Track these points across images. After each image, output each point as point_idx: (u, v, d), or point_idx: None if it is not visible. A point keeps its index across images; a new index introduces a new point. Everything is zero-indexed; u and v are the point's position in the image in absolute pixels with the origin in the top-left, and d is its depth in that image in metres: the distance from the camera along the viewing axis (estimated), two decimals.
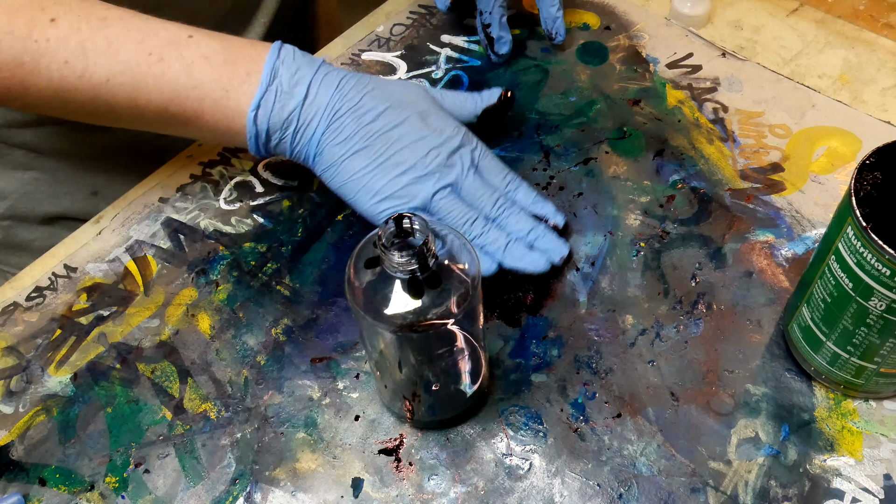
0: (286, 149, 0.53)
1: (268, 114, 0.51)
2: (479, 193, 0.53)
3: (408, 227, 0.39)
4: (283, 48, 0.52)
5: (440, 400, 0.47)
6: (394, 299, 0.40)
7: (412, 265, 0.38)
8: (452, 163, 0.52)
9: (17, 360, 0.52)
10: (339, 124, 0.52)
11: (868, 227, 0.39)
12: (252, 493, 0.46)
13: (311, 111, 0.51)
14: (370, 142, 0.52)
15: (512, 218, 0.53)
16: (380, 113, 0.52)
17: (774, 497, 0.45)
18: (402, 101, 0.53)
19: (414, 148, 0.52)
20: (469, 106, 0.57)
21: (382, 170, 0.51)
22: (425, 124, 0.53)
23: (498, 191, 0.54)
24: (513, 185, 0.54)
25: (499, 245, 0.52)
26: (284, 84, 0.51)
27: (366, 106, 0.52)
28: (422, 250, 0.38)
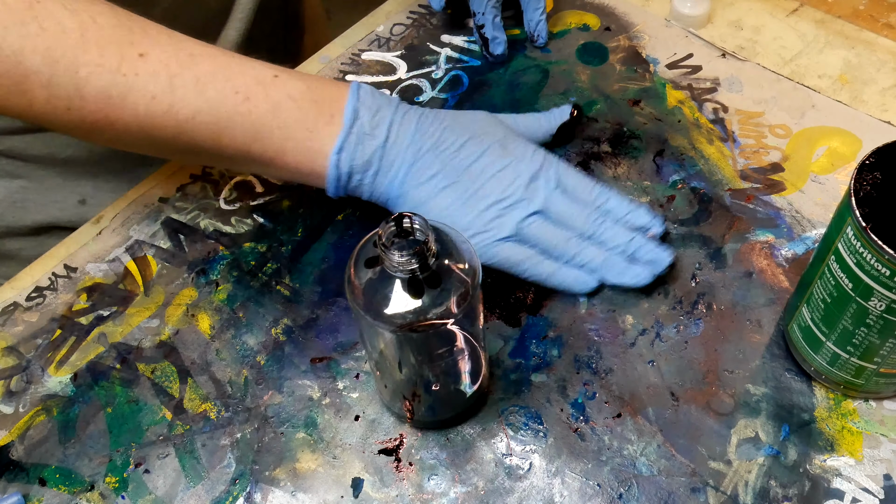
0: (364, 191, 0.52)
1: (350, 156, 0.50)
2: (570, 212, 0.52)
3: (408, 226, 0.39)
4: (361, 88, 0.52)
5: (440, 400, 0.47)
6: (394, 299, 0.40)
7: (412, 265, 0.38)
8: (537, 187, 0.51)
9: (17, 360, 0.52)
10: (423, 163, 0.51)
11: (868, 228, 0.39)
12: (252, 493, 0.46)
13: (393, 152, 0.51)
14: (455, 178, 0.51)
15: (608, 232, 0.52)
16: (460, 147, 0.52)
17: (774, 497, 0.45)
18: (480, 132, 0.53)
19: (499, 178, 0.51)
20: (544, 126, 0.57)
21: (469, 205, 0.51)
22: (506, 152, 0.52)
23: (589, 206, 0.52)
24: (603, 198, 0.53)
25: (598, 262, 0.51)
26: (366, 125, 0.51)
27: (447, 141, 0.52)
28: (422, 250, 0.38)
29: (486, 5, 0.64)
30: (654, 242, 0.52)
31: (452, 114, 0.54)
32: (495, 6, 0.64)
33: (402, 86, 0.66)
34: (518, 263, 0.51)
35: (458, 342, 0.44)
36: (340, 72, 0.67)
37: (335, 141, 0.50)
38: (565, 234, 0.51)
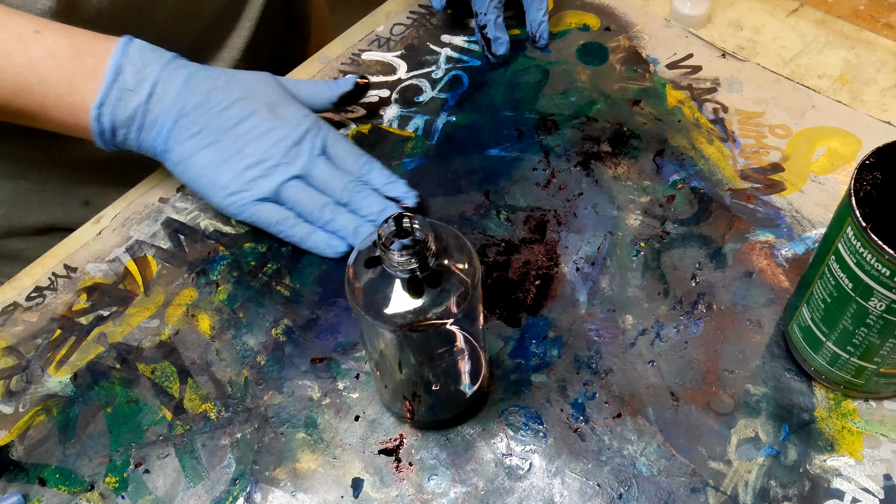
0: (132, 145, 0.54)
1: (111, 111, 0.52)
2: (329, 179, 0.54)
3: (408, 226, 0.39)
4: (132, 43, 0.52)
5: (440, 400, 0.47)
6: (394, 299, 0.40)
7: (412, 264, 0.38)
8: (300, 151, 0.54)
9: (17, 360, 0.52)
10: (187, 121, 0.52)
11: (868, 228, 0.39)
12: (252, 494, 0.46)
13: (156, 109, 0.52)
14: (218, 137, 0.53)
15: (364, 200, 0.54)
16: (227, 106, 0.53)
17: (774, 497, 0.45)
18: (252, 94, 0.54)
19: (262, 139, 0.53)
20: (325, 94, 0.58)
21: (229, 164, 0.53)
22: (274, 115, 0.54)
23: (350, 174, 0.55)
24: (367, 168, 0.56)
25: (349, 229, 0.54)
26: (129, 82, 0.51)
27: (213, 101, 0.53)
28: (422, 249, 0.38)
29: (489, 6, 0.64)
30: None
31: (228, 73, 0.55)
32: (497, 6, 0.64)
33: (403, 86, 0.66)
34: (274, 224, 0.54)
35: (458, 342, 0.44)
36: (340, 71, 0.67)
37: (95, 97, 0.51)
38: (322, 199, 0.54)
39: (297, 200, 0.53)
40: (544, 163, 0.60)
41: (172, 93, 0.52)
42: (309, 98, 0.58)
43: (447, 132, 0.62)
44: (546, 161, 0.60)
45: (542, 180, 0.59)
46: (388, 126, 0.63)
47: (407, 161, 0.61)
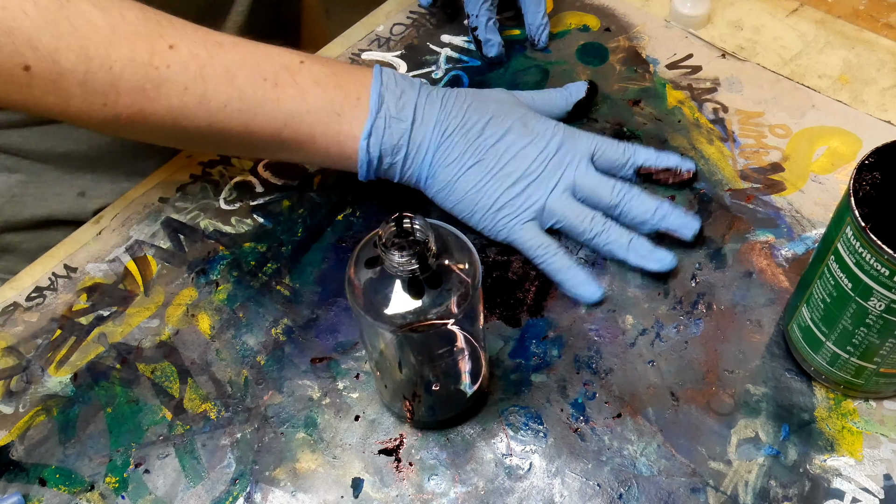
0: (395, 173, 0.53)
1: (379, 140, 0.51)
2: (596, 187, 0.53)
3: (408, 226, 0.39)
4: (384, 72, 0.52)
5: (440, 400, 0.47)
6: (394, 299, 0.40)
7: (412, 265, 0.38)
8: (561, 163, 0.53)
9: (17, 360, 0.52)
10: (449, 143, 0.52)
11: (867, 227, 0.39)
12: (252, 494, 0.46)
13: (420, 134, 0.52)
14: (481, 156, 0.52)
15: (634, 202, 0.53)
16: (484, 126, 0.53)
17: (774, 497, 0.45)
18: (502, 112, 0.54)
19: (523, 155, 0.52)
20: (560, 103, 0.59)
21: (494, 182, 0.52)
22: (528, 130, 0.53)
23: (617, 169, 0.55)
24: (630, 152, 0.55)
25: (621, 242, 0.52)
26: (392, 109, 0.51)
27: (471, 121, 0.53)
28: (422, 250, 0.38)
29: (481, 7, 0.64)
30: (680, 210, 0.53)
31: (474, 93, 0.54)
32: (490, 8, 0.64)
33: None
34: (535, 248, 0.52)
35: (458, 342, 0.44)
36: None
37: (363, 125, 0.51)
38: (590, 212, 0.53)
39: (563, 214, 0.52)
40: None
41: (432, 117, 0.52)
42: (546, 109, 0.57)
43: None
44: None
45: None
46: None
47: None
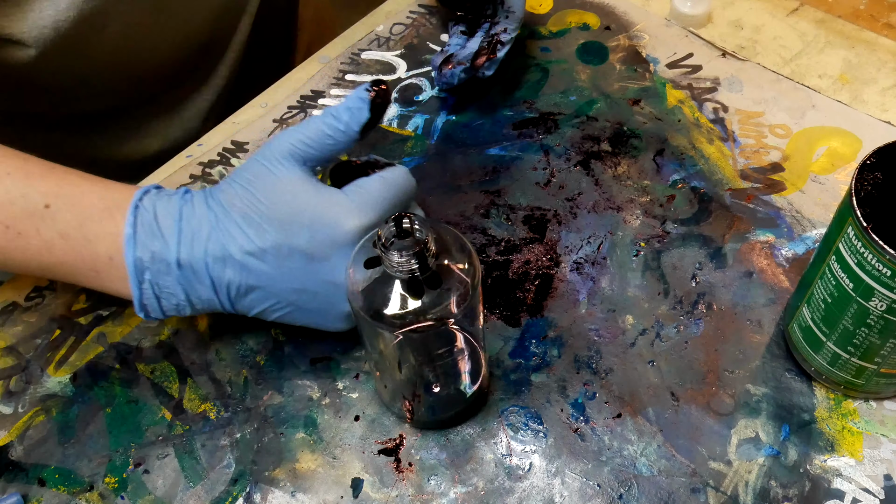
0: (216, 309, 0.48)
1: (158, 310, 0.47)
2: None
3: (408, 226, 0.39)
4: (140, 213, 0.45)
5: (440, 400, 0.47)
6: (393, 299, 0.40)
7: (412, 265, 0.38)
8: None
9: (16, 360, 0.52)
10: (247, 302, 0.47)
11: (869, 228, 0.39)
12: (252, 494, 0.46)
13: (203, 295, 0.46)
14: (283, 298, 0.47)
15: None
16: (276, 268, 0.45)
17: (775, 497, 0.45)
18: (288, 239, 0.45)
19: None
20: (340, 138, 0.47)
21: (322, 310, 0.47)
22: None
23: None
24: None
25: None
26: (157, 275, 0.45)
27: (256, 269, 0.45)
28: (422, 250, 0.38)
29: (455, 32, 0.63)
30: None
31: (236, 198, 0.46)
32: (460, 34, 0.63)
33: (402, 85, 0.66)
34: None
35: (458, 342, 0.44)
36: (340, 71, 0.67)
37: (128, 286, 0.46)
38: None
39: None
40: (544, 162, 0.60)
41: (206, 281, 0.46)
42: (324, 151, 0.47)
43: (447, 131, 0.62)
44: (546, 160, 0.60)
45: (542, 180, 0.59)
46: (387, 125, 0.63)
47: (406, 160, 0.61)
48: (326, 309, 0.47)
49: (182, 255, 0.45)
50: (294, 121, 0.63)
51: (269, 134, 0.63)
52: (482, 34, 0.61)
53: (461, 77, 0.60)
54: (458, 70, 0.60)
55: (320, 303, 0.46)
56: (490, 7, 0.62)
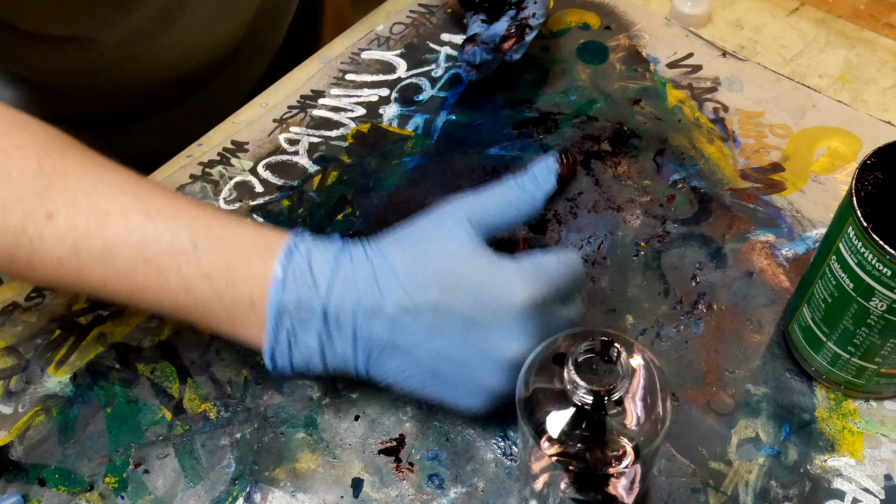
0: (320, 371, 0.45)
1: (287, 362, 0.44)
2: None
3: (613, 356, 0.35)
4: (292, 262, 0.43)
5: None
6: (558, 416, 0.36)
7: (587, 399, 0.35)
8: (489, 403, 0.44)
9: (16, 360, 0.52)
10: (380, 367, 0.44)
11: (869, 228, 0.39)
12: (252, 494, 0.46)
13: (337, 357, 0.44)
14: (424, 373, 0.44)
15: None
16: (422, 340, 0.43)
17: (775, 497, 0.45)
18: (444, 307, 0.42)
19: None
20: (524, 207, 0.45)
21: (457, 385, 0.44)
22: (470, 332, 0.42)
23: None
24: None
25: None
26: (295, 324, 0.43)
27: (398, 339, 0.43)
28: (606, 392, 0.35)
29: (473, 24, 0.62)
30: None
31: (412, 279, 0.42)
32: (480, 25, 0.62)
33: (402, 84, 0.66)
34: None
35: (618, 489, 0.41)
36: (340, 71, 0.67)
37: (262, 332, 0.43)
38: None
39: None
40: None
41: (346, 339, 0.43)
42: (505, 220, 0.45)
43: (447, 131, 0.62)
44: None
45: None
46: (387, 125, 0.63)
47: (406, 160, 0.61)
48: (469, 383, 0.43)
49: (331, 304, 0.42)
50: (294, 120, 0.63)
51: (268, 134, 0.63)
52: (507, 19, 0.60)
53: (484, 57, 0.58)
54: (479, 49, 0.58)
55: (466, 375, 0.43)
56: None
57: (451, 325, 0.42)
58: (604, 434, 0.36)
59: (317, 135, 0.63)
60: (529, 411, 0.37)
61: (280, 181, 0.60)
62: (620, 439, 0.37)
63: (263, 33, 0.72)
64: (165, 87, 0.67)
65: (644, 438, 0.37)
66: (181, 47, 0.63)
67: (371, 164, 0.61)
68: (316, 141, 0.62)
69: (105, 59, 0.58)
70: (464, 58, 0.60)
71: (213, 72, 0.70)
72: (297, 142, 0.62)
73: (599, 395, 0.35)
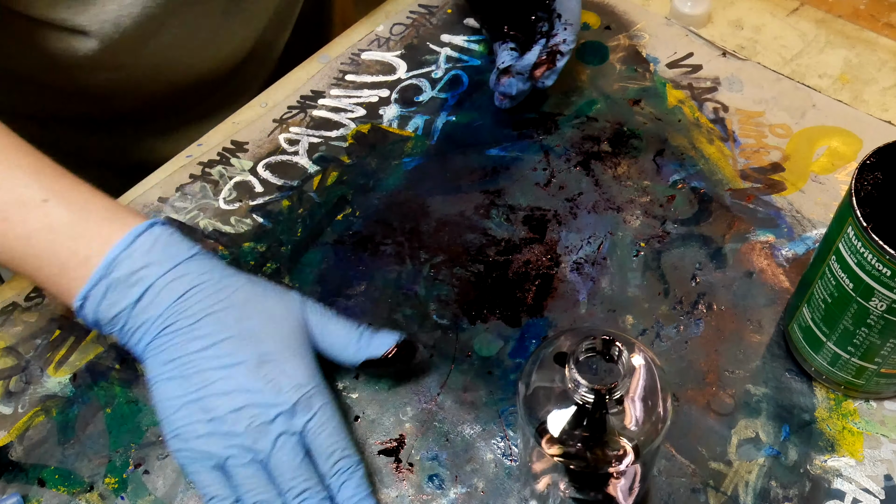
0: (120, 341, 0.47)
1: (94, 308, 0.45)
2: (287, 475, 0.43)
3: (615, 355, 0.36)
4: (147, 234, 0.46)
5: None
6: (559, 415, 0.36)
7: (587, 397, 0.35)
8: (268, 432, 0.44)
9: (16, 360, 0.52)
10: (163, 342, 0.45)
11: (868, 228, 0.39)
12: None
13: (140, 319, 0.45)
14: (186, 375, 0.45)
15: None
16: (211, 344, 0.45)
17: (775, 497, 0.45)
18: (250, 335, 0.45)
19: (232, 398, 0.44)
20: (350, 351, 0.48)
21: (187, 409, 0.44)
22: (259, 376, 0.44)
23: (314, 477, 0.44)
24: (342, 476, 0.45)
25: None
26: (121, 280, 0.45)
27: (200, 331, 0.45)
28: (606, 391, 0.35)
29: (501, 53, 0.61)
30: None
31: (241, 296, 0.46)
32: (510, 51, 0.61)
33: (402, 85, 0.66)
34: (206, 496, 0.44)
35: (616, 490, 0.41)
36: (340, 71, 0.67)
37: (83, 286, 0.45)
38: (269, 494, 0.44)
39: (241, 483, 0.44)
40: (544, 162, 0.60)
41: (161, 306, 0.45)
42: (332, 347, 0.48)
43: (447, 132, 0.62)
44: (546, 161, 0.60)
45: (542, 180, 0.59)
46: (387, 126, 0.63)
47: (406, 161, 0.61)
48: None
49: (156, 285, 0.45)
50: (294, 121, 0.63)
51: (268, 134, 0.63)
52: (539, 48, 0.60)
53: (520, 88, 0.59)
54: (516, 80, 0.59)
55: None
56: (546, 24, 0.61)
57: (234, 358, 0.45)
58: (604, 433, 0.36)
59: (317, 135, 0.63)
60: (530, 410, 0.37)
61: (280, 181, 0.60)
62: (621, 439, 0.37)
63: (267, 46, 0.72)
64: (166, 95, 0.67)
65: (644, 438, 0.37)
66: (181, 54, 0.63)
67: (371, 165, 0.61)
68: (316, 141, 0.62)
69: (101, 59, 0.58)
70: (500, 90, 0.60)
71: (214, 84, 0.70)
72: (297, 142, 0.62)
73: (601, 393, 0.35)
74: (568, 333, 0.39)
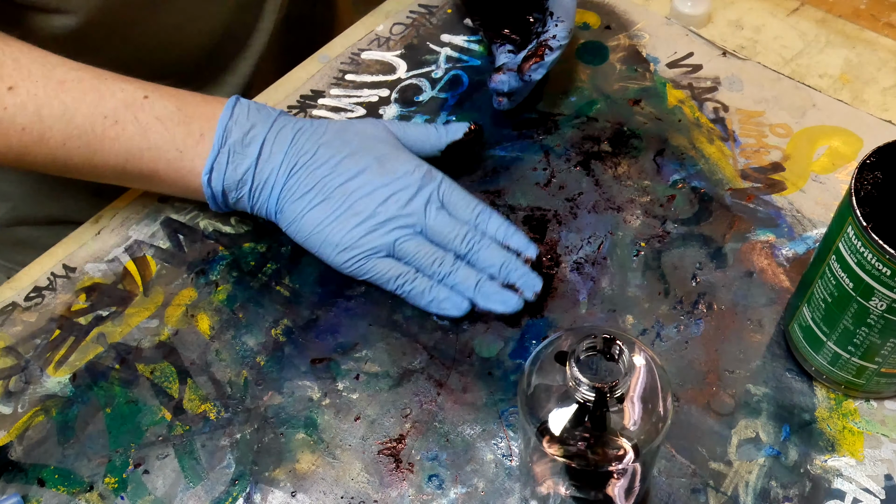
0: (245, 206, 0.54)
1: (221, 175, 0.52)
2: (446, 231, 0.52)
3: (616, 353, 0.36)
4: (238, 104, 0.53)
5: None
6: (560, 413, 0.37)
7: (589, 395, 0.35)
8: (414, 206, 0.52)
9: (15, 360, 0.52)
10: (296, 180, 0.52)
11: (868, 227, 0.39)
12: (252, 494, 0.46)
13: (266, 170, 0.52)
14: (328, 195, 0.52)
15: (483, 252, 0.52)
16: (336, 164, 0.52)
17: (775, 497, 0.45)
18: (360, 148, 0.53)
19: (373, 196, 0.52)
20: (433, 140, 0.56)
21: (340, 221, 0.51)
22: (384, 170, 0.52)
23: (468, 224, 0.53)
24: (483, 217, 0.53)
25: (469, 284, 0.51)
26: (237, 144, 0.52)
27: (321, 158, 0.52)
28: (608, 389, 0.35)
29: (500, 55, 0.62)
30: (526, 267, 0.52)
31: (334, 127, 0.54)
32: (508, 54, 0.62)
33: (402, 85, 0.65)
34: (392, 280, 0.52)
35: (614, 490, 0.41)
36: (340, 71, 0.67)
37: (205, 161, 0.51)
38: (440, 253, 0.52)
39: (414, 255, 0.51)
40: (544, 162, 0.60)
41: (280, 153, 0.52)
42: (416, 144, 0.56)
43: None
44: (546, 161, 0.60)
45: (542, 180, 0.59)
46: None
47: None
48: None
49: (269, 134, 0.52)
50: None
51: None
52: (532, 46, 0.60)
53: (512, 85, 0.59)
54: (507, 77, 0.59)
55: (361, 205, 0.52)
56: (539, 24, 0.61)
57: (359, 166, 0.52)
58: (605, 431, 0.37)
59: None
60: (531, 409, 0.37)
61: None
62: (621, 438, 0.37)
63: (244, 28, 0.71)
64: (149, 74, 0.67)
65: (645, 437, 0.37)
66: (165, 34, 0.63)
67: None
68: None
69: (88, 38, 0.58)
70: (493, 86, 0.60)
71: (197, 64, 0.69)
72: None
73: (602, 391, 0.35)
74: (569, 332, 0.39)
